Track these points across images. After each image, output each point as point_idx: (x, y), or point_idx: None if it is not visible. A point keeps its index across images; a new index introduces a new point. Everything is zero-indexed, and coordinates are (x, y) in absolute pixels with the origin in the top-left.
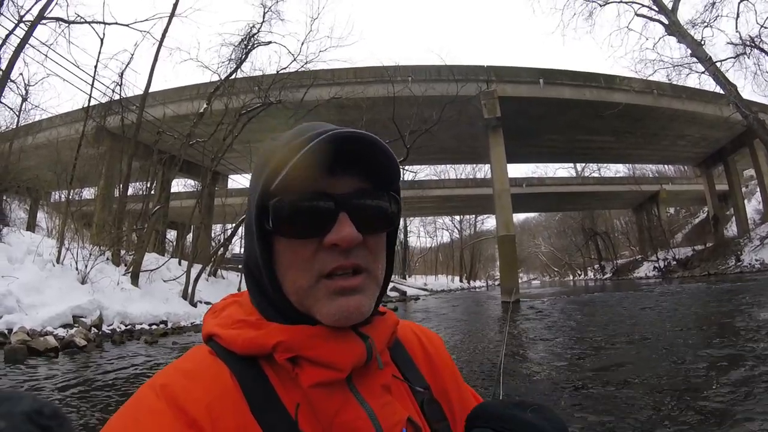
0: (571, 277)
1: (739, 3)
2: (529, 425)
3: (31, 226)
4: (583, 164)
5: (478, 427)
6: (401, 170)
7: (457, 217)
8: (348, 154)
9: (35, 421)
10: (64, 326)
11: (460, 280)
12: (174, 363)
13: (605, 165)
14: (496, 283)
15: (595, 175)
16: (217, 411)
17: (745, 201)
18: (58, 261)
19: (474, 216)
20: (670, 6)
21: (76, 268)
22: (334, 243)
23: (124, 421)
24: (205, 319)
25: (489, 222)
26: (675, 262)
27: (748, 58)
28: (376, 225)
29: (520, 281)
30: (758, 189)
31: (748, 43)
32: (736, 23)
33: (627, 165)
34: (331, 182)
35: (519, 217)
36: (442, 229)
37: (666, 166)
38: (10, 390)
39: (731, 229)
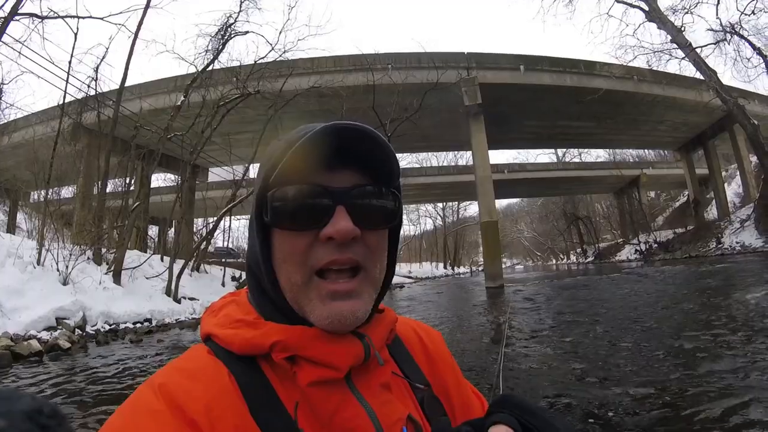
0: (554, 262)
1: None
2: (551, 424)
3: (11, 227)
4: (565, 150)
5: (502, 412)
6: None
7: (440, 204)
8: (346, 149)
9: (35, 420)
10: (48, 329)
11: (444, 267)
12: (172, 362)
13: (586, 150)
14: (480, 268)
15: (576, 160)
16: (216, 411)
17: (725, 185)
18: (38, 263)
19: (457, 203)
20: None
21: (58, 269)
22: (330, 236)
23: (123, 420)
24: (203, 318)
25: (472, 208)
26: (656, 245)
27: (728, 44)
28: (374, 220)
29: (503, 266)
30: (738, 173)
31: (728, 29)
32: (717, 10)
33: (608, 150)
34: (330, 177)
35: (501, 203)
36: (425, 216)
37: (646, 151)
38: (9, 389)
39: (711, 213)
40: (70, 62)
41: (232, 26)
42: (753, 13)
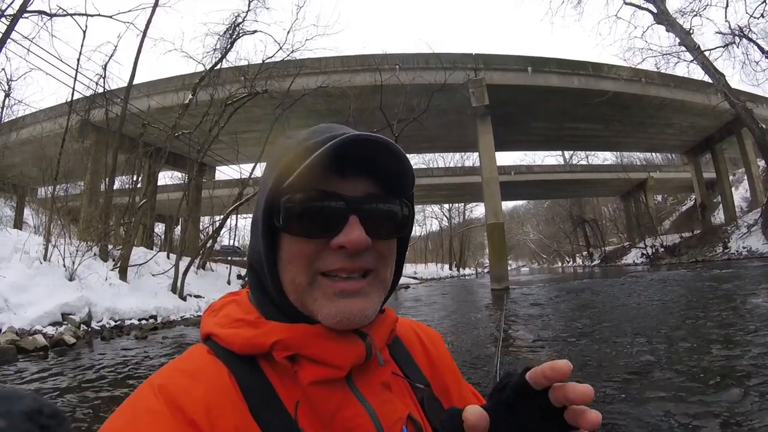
0: (560, 264)
1: None
2: None
3: (18, 223)
4: (572, 152)
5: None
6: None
7: (446, 206)
8: (362, 158)
9: (35, 420)
10: (53, 324)
11: (450, 268)
12: (172, 362)
13: (593, 153)
14: (486, 270)
15: (583, 162)
16: (216, 411)
17: (733, 189)
18: (45, 258)
19: (463, 204)
20: None
21: (64, 265)
22: (342, 245)
23: (123, 420)
24: (204, 318)
25: (478, 210)
26: (663, 249)
27: (737, 47)
28: (386, 230)
29: (509, 268)
30: (745, 177)
31: (736, 32)
32: (726, 13)
33: (615, 153)
34: (343, 184)
35: (508, 204)
36: (431, 217)
37: (653, 154)
38: (9, 389)
39: (718, 217)
40: (78, 60)
41: (241, 25)
42: (762, 16)
